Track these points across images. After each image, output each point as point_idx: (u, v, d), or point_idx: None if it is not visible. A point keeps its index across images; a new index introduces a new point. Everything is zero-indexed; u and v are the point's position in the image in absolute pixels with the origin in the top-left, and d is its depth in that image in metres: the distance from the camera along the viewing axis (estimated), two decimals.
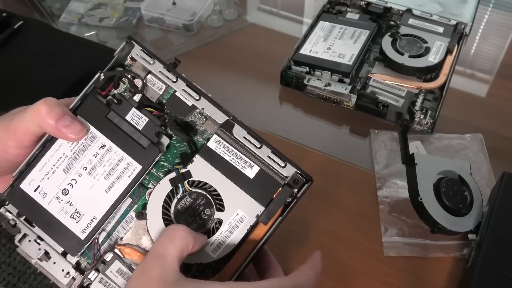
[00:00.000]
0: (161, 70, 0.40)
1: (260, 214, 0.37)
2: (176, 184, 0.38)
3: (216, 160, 0.38)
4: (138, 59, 0.40)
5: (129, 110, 0.39)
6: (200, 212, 0.38)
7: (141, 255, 0.38)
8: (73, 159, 0.39)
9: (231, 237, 0.37)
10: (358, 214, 0.51)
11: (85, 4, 0.77)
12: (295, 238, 0.49)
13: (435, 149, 0.57)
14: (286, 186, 0.38)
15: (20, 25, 0.69)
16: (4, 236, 0.48)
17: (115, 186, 0.38)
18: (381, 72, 0.62)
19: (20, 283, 0.46)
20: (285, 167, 0.38)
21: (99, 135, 0.39)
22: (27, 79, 0.63)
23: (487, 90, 0.67)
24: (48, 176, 0.39)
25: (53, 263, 0.38)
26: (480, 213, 0.48)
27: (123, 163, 0.38)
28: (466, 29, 0.68)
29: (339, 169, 0.56)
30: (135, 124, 0.39)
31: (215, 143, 0.39)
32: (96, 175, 0.38)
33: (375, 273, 0.47)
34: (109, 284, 0.38)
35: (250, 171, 0.38)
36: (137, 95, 0.40)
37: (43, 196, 0.38)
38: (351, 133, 0.60)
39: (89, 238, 0.38)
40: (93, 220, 0.38)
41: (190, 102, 0.40)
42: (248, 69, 0.68)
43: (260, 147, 0.38)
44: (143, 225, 0.38)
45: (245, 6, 0.79)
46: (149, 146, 0.38)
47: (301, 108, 0.63)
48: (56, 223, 0.38)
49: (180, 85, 0.40)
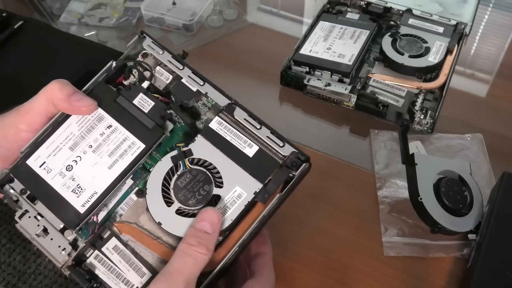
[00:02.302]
0: (169, 59, 0.43)
1: (258, 191, 0.38)
2: (177, 161, 0.39)
3: (217, 140, 0.40)
4: (149, 49, 0.44)
5: (137, 94, 0.42)
6: (199, 188, 0.38)
7: (139, 232, 0.38)
8: (80, 138, 0.40)
9: (229, 212, 0.38)
10: (358, 214, 0.51)
11: (85, 4, 0.77)
12: (295, 238, 0.49)
13: (435, 149, 0.57)
14: (285, 167, 0.39)
15: (20, 25, 0.69)
16: (4, 236, 0.49)
17: (117, 163, 0.39)
18: (381, 72, 0.62)
19: (20, 283, 0.46)
20: (284, 146, 0.39)
21: (106, 117, 0.41)
22: (27, 79, 0.63)
23: (487, 90, 0.67)
24: (55, 153, 0.40)
25: (50, 239, 0.38)
26: (480, 213, 0.48)
27: (127, 142, 0.40)
28: (466, 29, 0.68)
29: (339, 169, 0.56)
30: (141, 108, 0.41)
31: (217, 124, 0.41)
32: (100, 153, 0.40)
33: (375, 273, 0.47)
34: (104, 261, 0.38)
35: (249, 150, 0.39)
36: (146, 82, 0.43)
37: (48, 171, 0.40)
38: (351, 133, 0.60)
39: (88, 213, 0.38)
40: (93, 195, 0.39)
41: (195, 87, 0.42)
42: (248, 69, 0.68)
43: (259, 128, 0.40)
44: (142, 204, 0.39)
45: (245, 6, 0.79)
46: (153, 127, 0.40)
47: (301, 108, 0.63)
48: (57, 197, 0.39)
49: (186, 72, 0.43)
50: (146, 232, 0.38)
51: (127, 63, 0.44)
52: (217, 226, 0.37)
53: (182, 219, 0.38)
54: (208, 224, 0.36)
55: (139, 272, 0.37)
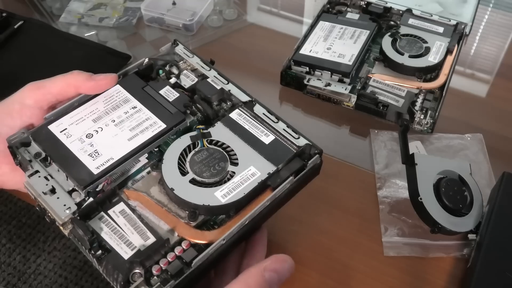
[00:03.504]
0: (198, 61, 0.48)
1: (272, 172, 0.39)
2: (196, 140, 0.41)
3: (235, 127, 0.42)
4: (181, 54, 0.49)
5: (164, 86, 0.45)
6: (215, 164, 0.40)
7: (148, 200, 0.39)
8: (104, 113, 0.42)
9: (241, 187, 0.39)
10: (358, 214, 0.51)
11: (85, 4, 0.77)
12: (295, 238, 0.49)
13: (435, 149, 0.57)
14: (297, 157, 0.41)
15: (20, 25, 0.69)
16: (4, 236, 0.49)
17: (137, 137, 0.41)
18: (381, 72, 0.62)
19: (20, 283, 0.46)
20: (298, 138, 0.42)
21: (132, 99, 0.44)
22: (27, 79, 0.63)
23: (487, 90, 0.67)
24: (78, 123, 0.42)
25: (57, 198, 0.38)
26: (480, 213, 0.48)
27: (149, 121, 0.42)
28: (466, 29, 0.68)
29: (339, 169, 0.56)
30: (166, 97, 0.44)
31: (237, 115, 0.43)
32: (122, 127, 0.42)
33: (375, 273, 0.47)
34: (108, 222, 0.38)
35: (266, 138, 0.42)
36: (173, 78, 0.46)
37: (68, 136, 0.41)
38: (351, 133, 0.60)
39: (101, 175, 0.39)
40: (109, 160, 0.40)
41: (219, 86, 0.46)
42: (248, 69, 0.68)
43: (277, 122, 0.43)
44: (155, 178, 0.40)
45: (245, 6, 0.79)
46: (176, 112, 0.43)
47: (301, 108, 0.63)
48: (73, 158, 0.39)
49: (212, 73, 0.47)
50: (155, 201, 0.39)
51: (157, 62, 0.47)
52: (282, 281, 0.36)
53: (195, 187, 0.39)
54: (277, 276, 0.35)
55: (143, 235, 0.37)
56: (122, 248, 0.36)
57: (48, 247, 0.48)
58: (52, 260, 0.47)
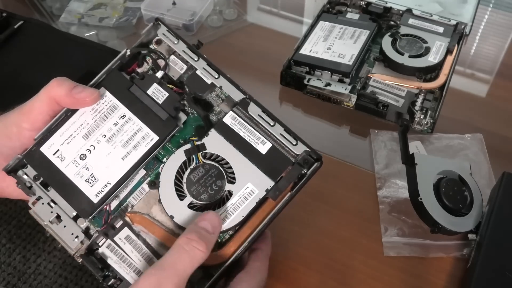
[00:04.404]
0: (184, 49, 0.43)
1: (270, 188, 0.38)
2: (190, 155, 0.39)
3: (230, 135, 0.40)
4: (164, 38, 0.43)
5: (151, 84, 0.41)
6: (212, 183, 0.39)
7: (151, 223, 0.39)
8: (94, 126, 0.40)
9: (240, 209, 0.38)
10: (358, 214, 0.51)
11: (85, 4, 0.77)
12: (295, 238, 0.49)
13: (435, 149, 0.57)
14: (297, 165, 0.39)
15: (20, 25, 0.69)
16: (4, 236, 0.49)
17: (131, 154, 0.40)
18: (381, 72, 0.62)
19: (20, 283, 0.46)
20: (296, 145, 0.40)
21: (120, 106, 0.41)
22: (27, 79, 0.63)
23: (487, 90, 0.67)
24: (68, 141, 0.40)
25: (64, 226, 0.39)
26: (480, 213, 0.48)
27: (140, 133, 0.40)
28: (466, 29, 0.68)
29: (339, 169, 0.56)
30: (155, 98, 0.41)
31: (231, 119, 0.41)
32: (114, 143, 0.40)
33: (375, 273, 0.47)
34: (116, 250, 0.38)
35: (262, 147, 0.40)
36: (160, 72, 0.42)
37: (61, 159, 0.40)
38: (351, 133, 0.60)
39: (101, 202, 0.39)
40: (107, 185, 0.39)
41: (209, 80, 0.42)
42: (248, 69, 0.68)
43: (273, 125, 0.40)
44: (154, 195, 0.40)
45: (245, 6, 0.79)
46: (167, 119, 0.40)
47: (301, 108, 0.63)
48: (71, 186, 0.39)
49: (201, 64, 0.42)
50: (157, 223, 0.39)
51: (141, 51, 0.43)
52: (217, 228, 0.37)
53: (194, 213, 0.38)
54: (210, 224, 0.36)
55: (150, 262, 0.38)
56: (132, 277, 0.38)
57: (48, 247, 0.48)
58: (52, 260, 0.47)
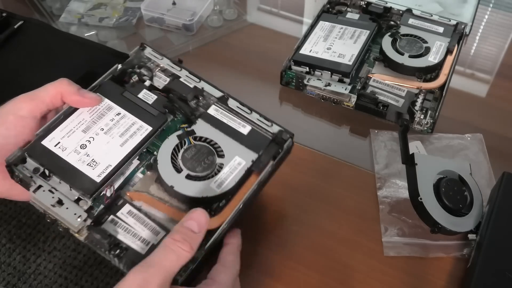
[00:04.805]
0: (168, 63, 0.50)
1: (255, 159, 0.44)
2: (183, 139, 0.44)
3: (215, 122, 0.46)
4: (150, 56, 0.50)
5: (141, 90, 0.47)
6: (204, 158, 0.44)
7: (150, 198, 0.42)
8: (92, 122, 0.44)
9: (232, 176, 0.43)
10: (358, 214, 0.51)
11: (85, 4, 0.77)
12: (295, 238, 0.49)
13: (435, 149, 0.57)
14: (273, 143, 0.45)
15: (20, 25, 0.69)
16: (4, 236, 0.49)
17: (128, 142, 0.44)
18: (381, 72, 0.62)
19: (20, 283, 0.46)
20: (272, 126, 0.46)
21: (115, 106, 0.46)
22: (27, 79, 0.63)
23: (487, 90, 0.67)
24: (69, 135, 0.43)
25: (66, 208, 0.40)
26: (480, 213, 0.48)
27: (136, 125, 0.45)
28: (466, 29, 0.68)
29: (339, 169, 0.56)
30: (146, 100, 0.47)
31: (214, 110, 0.47)
32: (112, 134, 0.44)
33: (375, 273, 0.47)
34: (120, 223, 0.40)
35: (243, 129, 0.46)
36: (147, 81, 0.49)
37: (63, 150, 0.43)
38: (351, 133, 0.60)
39: (104, 182, 0.42)
40: (108, 167, 0.42)
41: (192, 84, 0.48)
42: (248, 69, 0.68)
43: (250, 112, 0.47)
44: (151, 177, 0.44)
45: (245, 6, 0.79)
46: (158, 114, 0.46)
47: (301, 108, 0.63)
48: (74, 170, 0.42)
49: (183, 73, 0.49)
50: (156, 198, 0.42)
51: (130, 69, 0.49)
52: (203, 227, 0.38)
53: (191, 182, 0.42)
54: (196, 223, 0.38)
55: (154, 230, 0.40)
56: (138, 245, 0.39)
57: (48, 247, 0.48)
58: (52, 260, 0.47)
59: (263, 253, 0.48)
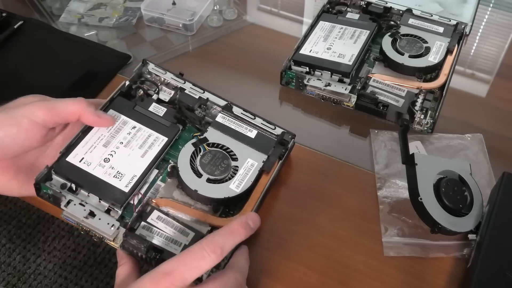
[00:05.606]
0: (172, 77, 0.54)
1: (265, 160, 0.49)
2: (197, 146, 0.49)
3: (224, 129, 0.51)
4: (154, 71, 0.54)
5: (151, 103, 0.51)
6: (220, 162, 0.48)
7: (175, 203, 0.46)
8: (111, 137, 0.48)
9: (248, 177, 0.48)
10: (358, 214, 0.51)
11: (85, 4, 0.77)
12: (295, 238, 0.49)
13: (435, 149, 0.57)
14: (278, 144, 0.51)
15: (20, 25, 0.69)
16: (4, 236, 0.49)
17: (148, 153, 0.48)
18: (381, 72, 0.62)
19: (20, 283, 0.46)
20: (275, 129, 0.52)
21: (129, 121, 0.50)
22: (27, 79, 0.63)
23: (487, 90, 0.67)
24: (91, 150, 0.47)
25: (99, 219, 0.43)
26: (480, 213, 0.48)
27: (152, 137, 0.49)
28: (466, 29, 0.68)
29: (339, 169, 0.56)
30: (156, 113, 0.51)
31: (221, 118, 0.52)
32: (131, 147, 0.48)
33: (375, 273, 0.47)
34: (151, 229, 0.44)
35: (251, 134, 0.51)
36: (155, 95, 0.53)
37: (88, 164, 0.46)
38: (351, 133, 0.60)
39: (132, 191, 0.45)
40: (133, 177, 0.46)
41: (197, 95, 0.53)
42: (248, 69, 0.68)
43: (254, 118, 0.52)
44: (172, 183, 0.48)
45: (245, 6, 0.79)
46: (171, 125, 0.50)
47: (301, 108, 0.63)
48: (102, 183, 0.45)
49: (187, 85, 0.53)
50: (181, 203, 0.46)
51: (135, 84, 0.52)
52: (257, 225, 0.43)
53: (212, 185, 0.47)
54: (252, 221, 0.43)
55: (184, 232, 0.44)
56: (171, 247, 0.43)
57: (48, 247, 0.48)
58: (52, 260, 0.47)
59: (263, 253, 0.48)
